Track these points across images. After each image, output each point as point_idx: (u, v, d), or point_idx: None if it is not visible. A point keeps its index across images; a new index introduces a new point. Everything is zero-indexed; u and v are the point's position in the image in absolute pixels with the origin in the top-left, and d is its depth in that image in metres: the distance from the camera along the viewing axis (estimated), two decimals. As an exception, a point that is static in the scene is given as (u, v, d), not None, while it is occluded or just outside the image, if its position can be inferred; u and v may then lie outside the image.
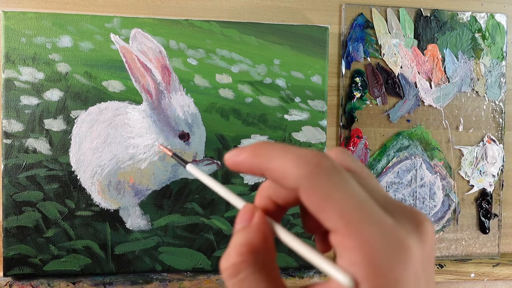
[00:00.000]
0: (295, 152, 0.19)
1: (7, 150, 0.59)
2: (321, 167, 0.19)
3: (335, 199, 0.18)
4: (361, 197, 0.18)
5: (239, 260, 0.20)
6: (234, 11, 0.65)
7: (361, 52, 0.67)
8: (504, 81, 0.71)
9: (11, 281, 0.59)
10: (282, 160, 0.19)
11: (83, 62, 0.60)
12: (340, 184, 0.18)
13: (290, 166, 0.19)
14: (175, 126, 0.61)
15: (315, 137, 0.65)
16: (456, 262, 0.69)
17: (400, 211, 0.20)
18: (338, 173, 0.19)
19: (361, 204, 0.18)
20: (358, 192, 0.19)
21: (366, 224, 0.18)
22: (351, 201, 0.18)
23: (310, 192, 0.19)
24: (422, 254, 0.19)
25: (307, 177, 0.19)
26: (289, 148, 0.20)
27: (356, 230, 0.18)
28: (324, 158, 0.19)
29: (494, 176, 0.71)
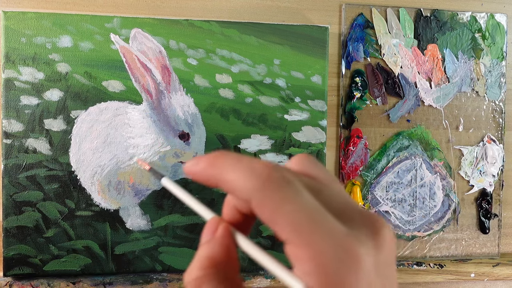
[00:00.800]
0: (246, 164, 0.20)
1: (7, 150, 0.59)
2: (271, 180, 0.19)
3: (286, 211, 0.18)
4: (312, 207, 0.19)
5: (201, 274, 0.20)
6: (234, 11, 0.65)
7: (361, 52, 0.67)
8: (504, 81, 0.71)
9: (11, 281, 0.59)
10: (234, 172, 0.20)
11: (83, 62, 0.60)
12: (291, 196, 0.19)
13: (241, 178, 0.19)
14: (175, 126, 0.61)
15: (315, 137, 0.65)
16: (456, 262, 0.69)
17: (358, 218, 0.20)
18: (289, 184, 0.19)
19: (312, 215, 0.18)
20: (309, 203, 0.19)
21: (316, 235, 0.18)
22: (302, 212, 0.18)
23: (261, 205, 0.19)
24: (377, 261, 0.19)
25: (257, 190, 0.19)
26: (241, 159, 0.20)
27: (307, 241, 0.18)
28: (274, 170, 0.19)
29: (494, 176, 0.71)
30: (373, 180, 0.68)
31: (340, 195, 0.21)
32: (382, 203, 0.68)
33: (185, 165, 0.22)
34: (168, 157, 0.61)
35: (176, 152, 0.61)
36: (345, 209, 0.20)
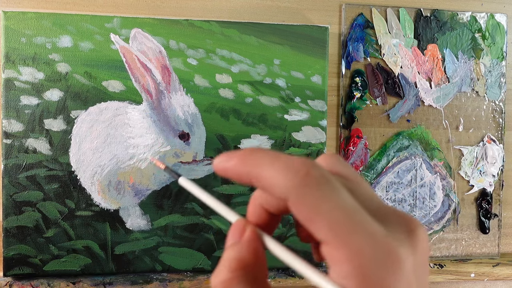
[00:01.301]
0: (284, 161, 0.19)
1: (7, 150, 0.59)
2: (310, 177, 0.18)
3: (324, 210, 0.18)
4: (351, 207, 0.18)
5: (229, 276, 0.20)
6: (234, 11, 0.65)
7: (361, 52, 0.67)
8: (504, 81, 0.71)
9: (11, 281, 0.59)
10: (271, 169, 0.19)
11: (83, 62, 0.60)
12: (329, 194, 0.18)
13: (278, 175, 0.19)
14: (175, 126, 0.61)
15: (315, 137, 0.65)
16: (456, 262, 0.69)
17: (392, 218, 0.20)
18: (328, 182, 0.19)
19: (351, 214, 0.18)
20: (348, 202, 0.18)
21: (355, 235, 0.17)
22: (341, 211, 0.18)
23: (298, 203, 0.18)
24: (415, 261, 0.19)
25: (295, 188, 0.18)
26: (279, 156, 0.19)
27: (345, 242, 0.17)
28: (313, 167, 0.19)
29: (494, 176, 0.71)
30: (373, 180, 0.68)
31: (372, 195, 0.21)
32: (382, 203, 0.68)
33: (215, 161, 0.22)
34: (168, 157, 0.61)
35: (176, 152, 0.61)
36: (379, 209, 0.20)
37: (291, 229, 0.64)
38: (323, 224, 0.18)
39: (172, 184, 0.62)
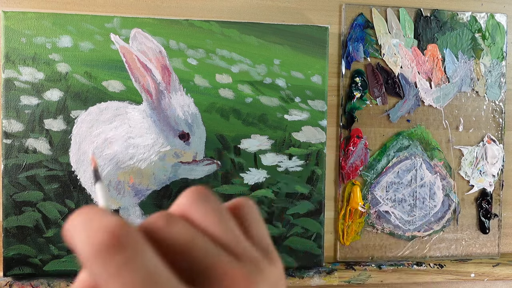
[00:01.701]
0: (86, 226, 0.17)
1: (7, 150, 0.59)
2: (103, 246, 0.16)
3: (116, 285, 0.16)
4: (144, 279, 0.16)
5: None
6: (234, 11, 0.65)
7: (361, 52, 0.67)
8: (504, 81, 0.71)
9: (11, 281, 0.59)
10: (76, 235, 0.17)
11: (83, 62, 0.60)
12: (123, 266, 0.16)
13: (80, 243, 0.17)
14: (175, 126, 0.61)
15: (315, 137, 0.65)
16: (456, 262, 0.69)
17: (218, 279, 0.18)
18: (124, 251, 0.16)
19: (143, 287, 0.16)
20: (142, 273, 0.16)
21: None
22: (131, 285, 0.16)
23: (96, 277, 0.17)
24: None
25: (91, 259, 0.17)
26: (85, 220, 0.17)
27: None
28: (109, 234, 0.17)
29: (494, 176, 0.71)
30: (373, 180, 0.68)
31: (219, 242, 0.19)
32: (382, 203, 0.68)
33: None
34: (168, 157, 0.61)
35: (176, 152, 0.61)
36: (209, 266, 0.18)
37: (291, 229, 0.64)
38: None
39: (172, 184, 0.62)
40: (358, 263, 0.67)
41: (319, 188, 0.65)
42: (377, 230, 0.68)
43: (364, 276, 0.66)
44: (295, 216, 0.64)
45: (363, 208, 0.67)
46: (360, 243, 0.68)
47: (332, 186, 0.68)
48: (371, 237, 0.68)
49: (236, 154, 0.63)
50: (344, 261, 0.67)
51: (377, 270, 0.66)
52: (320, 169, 0.65)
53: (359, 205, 0.67)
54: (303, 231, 0.64)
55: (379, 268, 0.66)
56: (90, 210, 0.18)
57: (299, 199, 0.64)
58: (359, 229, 0.68)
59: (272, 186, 0.64)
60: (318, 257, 0.65)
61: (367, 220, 0.68)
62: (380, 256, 0.68)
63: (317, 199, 0.65)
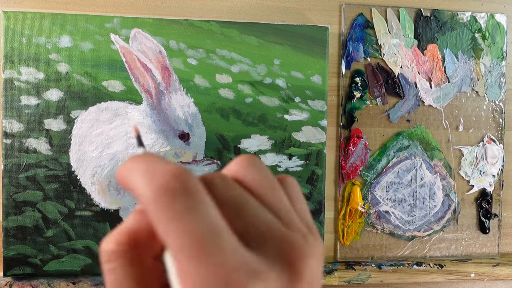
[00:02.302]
0: (149, 169, 0.17)
1: (7, 150, 0.59)
2: (167, 189, 0.16)
3: (175, 231, 0.16)
4: (207, 227, 0.16)
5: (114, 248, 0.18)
6: (234, 11, 0.65)
7: (361, 52, 0.67)
8: (504, 81, 0.71)
9: (11, 281, 0.59)
10: (137, 177, 0.17)
11: (83, 62, 0.60)
12: (185, 211, 0.16)
13: (141, 184, 0.17)
14: (175, 126, 0.61)
15: (315, 137, 0.65)
16: (456, 262, 0.69)
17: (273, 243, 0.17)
18: (186, 196, 0.16)
19: (203, 238, 0.16)
20: (205, 222, 0.16)
21: (200, 265, 0.16)
22: (191, 234, 0.16)
23: (155, 220, 0.16)
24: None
25: (152, 200, 0.16)
26: (150, 162, 0.17)
27: (189, 272, 0.16)
28: (174, 177, 0.17)
29: (494, 176, 0.71)
30: (373, 180, 0.68)
31: (274, 208, 0.19)
32: (382, 203, 0.68)
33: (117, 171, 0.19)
34: (168, 157, 0.61)
35: (176, 152, 0.61)
36: (265, 230, 0.18)
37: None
38: (173, 249, 0.16)
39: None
40: (358, 263, 0.67)
41: (319, 188, 0.65)
42: (377, 230, 0.68)
43: (364, 276, 0.66)
44: (295, 216, 0.64)
45: (363, 208, 0.67)
46: (360, 243, 0.68)
47: (332, 186, 0.68)
48: (371, 237, 0.68)
49: (236, 154, 0.63)
50: (344, 261, 0.67)
51: (377, 270, 0.66)
52: (320, 169, 0.65)
53: (359, 205, 0.67)
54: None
55: (379, 268, 0.66)
56: (149, 155, 0.18)
57: (299, 199, 0.64)
58: (359, 229, 0.68)
59: (272, 186, 0.64)
60: (318, 257, 0.65)
61: (367, 220, 0.68)
62: (380, 256, 0.68)
63: (317, 199, 0.65)
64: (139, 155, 0.18)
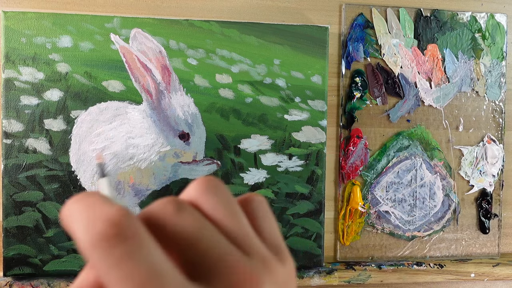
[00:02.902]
0: (89, 214, 0.17)
1: (7, 150, 0.59)
2: (104, 237, 0.16)
3: (115, 278, 0.16)
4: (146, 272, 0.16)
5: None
6: (234, 11, 0.65)
7: (361, 52, 0.67)
8: (504, 81, 0.71)
9: (11, 281, 0.59)
10: (76, 221, 0.17)
11: (83, 62, 0.60)
12: (124, 258, 0.16)
13: (80, 231, 0.16)
14: (175, 126, 0.61)
15: (315, 137, 0.65)
16: (456, 262, 0.69)
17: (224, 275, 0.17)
18: (125, 242, 0.16)
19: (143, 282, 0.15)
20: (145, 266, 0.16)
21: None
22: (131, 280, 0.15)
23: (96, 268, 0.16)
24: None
25: (91, 248, 0.16)
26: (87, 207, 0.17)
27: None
28: (111, 224, 0.16)
29: (494, 176, 0.71)
30: (373, 180, 0.68)
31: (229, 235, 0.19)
32: (382, 203, 0.68)
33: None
34: (168, 157, 0.61)
35: (176, 152, 0.61)
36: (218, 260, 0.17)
37: (291, 229, 0.64)
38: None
39: (172, 184, 0.62)
40: (358, 263, 0.67)
41: (319, 188, 0.65)
42: (377, 230, 0.68)
43: (364, 276, 0.66)
44: (295, 216, 0.64)
45: (363, 208, 0.67)
46: (360, 243, 0.68)
47: (332, 186, 0.68)
48: (371, 237, 0.68)
49: (236, 154, 0.63)
50: (344, 261, 0.67)
51: (377, 270, 0.66)
52: (320, 169, 0.65)
53: (359, 205, 0.67)
54: (303, 231, 0.64)
55: (379, 268, 0.66)
56: (91, 196, 0.17)
57: (299, 199, 0.64)
58: (359, 229, 0.68)
59: (272, 186, 0.64)
60: (318, 257, 0.65)
61: (367, 220, 0.68)
62: (380, 256, 0.68)
63: (317, 199, 0.65)
64: (81, 196, 0.17)
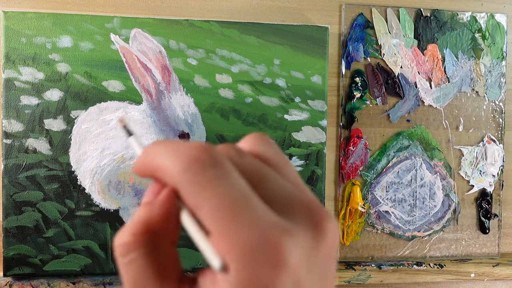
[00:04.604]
0: (176, 146, 0.18)
1: (7, 150, 0.59)
2: (196, 161, 0.17)
3: (208, 196, 0.17)
4: (238, 193, 0.17)
5: (131, 239, 0.18)
6: (234, 11, 0.65)
7: (361, 52, 0.67)
8: (504, 81, 0.71)
9: (11, 281, 0.59)
10: (163, 155, 0.18)
11: (83, 62, 0.60)
12: (216, 179, 0.17)
13: (168, 161, 0.18)
14: (175, 126, 0.61)
15: (315, 137, 0.65)
16: (456, 262, 0.69)
17: (298, 207, 0.18)
18: (215, 166, 0.17)
19: (236, 201, 0.17)
20: (236, 188, 0.17)
21: (236, 223, 0.16)
22: (225, 198, 0.17)
23: (185, 189, 0.17)
24: (313, 255, 0.17)
25: (181, 173, 0.17)
26: (171, 143, 0.19)
27: (226, 231, 0.16)
28: (202, 150, 0.18)
29: (494, 176, 0.71)
30: (373, 180, 0.68)
31: (289, 180, 0.20)
32: (382, 203, 0.68)
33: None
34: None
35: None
36: (288, 197, 0.19)
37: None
38: (207, 212, 0.17)
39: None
40: (358, 263, 0.67)
41: (319, 188, 0.65)
42: (377, 230, 0.68)
43: (364, 276, 0.66)
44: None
45: (363, 208, 0.67)
46: (360, 243, 0.68)
47: (332, 186, 0.68)
48: (371, 237, 0.68)
49: (236, 154, 0.63)
50: (344, 261, 0.67)
51: (377, 270, 0.66)
52: (320, 169, 0.65)
53: (359, 205, 0.67)
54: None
55: (379, 268, 0.66)
56: (170, 141, 0.19)
57: (299, 199, 0.64)
58: (359, 229, 0.68)
59: (272, 186, 0.64)
60: (318, 257, 0.65)
61: (367, 220, 0.68)
62: (380, 256, 0.68)
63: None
64: (159, 142, 0.19)
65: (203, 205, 0.17)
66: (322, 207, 0.19)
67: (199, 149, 0.18)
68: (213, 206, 0.17)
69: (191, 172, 0.17)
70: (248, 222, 0.16)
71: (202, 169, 0.17)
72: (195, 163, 0.17)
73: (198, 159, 0.17)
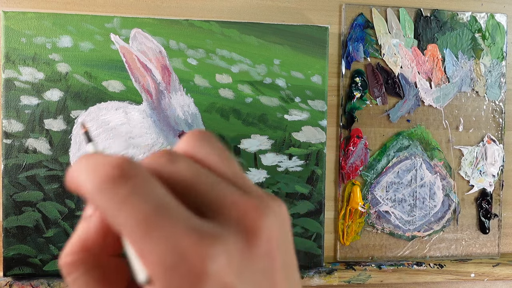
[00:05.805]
0: (92, 162, 0.17)
1: (7, 150, 0.59)
2: (108, 178, 0.16)
3: (124, 215, 0.16)
4: (152, 206, 0.16)
5: (70, 259, 0.18)
6: (234, 11, 0.65)
7: (361, 52, 0.67)
8: (504, 81, 0.71)
9: (11, 281, 0.59)
10: (82, 173, 0.17)
11: (83, 62, 0.60)
12: (130, 195, 0.16)
13: (85, 180, 0.17)
14: (175, 126, 0.61)
15: (315, 137, 0.65)
16: (456, 262, 0.69)
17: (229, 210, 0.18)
18: (128, 182, 0.16)
19: (149, 216, 0.16)
20: (150, 201, 0.16)
21: (150, 241, 0.16)
22: (139, 214, 0.16)
23: (103, 211, 0.16)
24: (242, 260, 0.17)
25: (97, 193, 0.16)
26: (92, 158, 0.17)
27: (142, 250, 0.16)
28: (114, 166, 0.17)
29: (494, 176, 0.71)
30: (373, 180, 0.68)
31: (227, 178, 0.19)
32: (382, 203, 0.68)
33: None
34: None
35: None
36: (220, 200, 0.18)
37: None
38: (125, 233, 0.16)
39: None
40: (358, 263, 0.67)
41: (319, 188, 0.65)
42: (377, 230, 0.68)
43: (364, 276, 0.66)
44: (295, 216, 0.64)
45: (363, 208, 0.67)
46: (360, 243, 0.68)
47: (332, 186, 0.68)
48: (371, 237, 0.68)
49: (236, 154, 0.63)
50: (344, 261, 0.67)
51: (377, 270, 0.66)
52: (320, 169, 0.65)
53: (359, 205, 0.67)
54: (303, 231, 0.64)
55: (379, 268, 0.66)
56: (92, 154, 0.18)
57: (299, 199, 0.64)
58: (359, 229, 0.68)
59: (272, 186, 0.64)
60: (318, 257, 0.65)
61: (367, 220, 0.68)
62: (380, 256, 0.68)
63: (317, 199, 0.65)
64: (83, 156, 0.18)
65: (121, 226, 0.16)
66: (260, 202, 0.18)
67: (112, 165, 0.17)
68: (129, 226, 0.16)
69: (104, 192, 0.16)
70: (163, 236, 0.16)
71: (114, 187, 0.16)
72: (107, 181, 0.16)
73: (110, 176, 0.16)
